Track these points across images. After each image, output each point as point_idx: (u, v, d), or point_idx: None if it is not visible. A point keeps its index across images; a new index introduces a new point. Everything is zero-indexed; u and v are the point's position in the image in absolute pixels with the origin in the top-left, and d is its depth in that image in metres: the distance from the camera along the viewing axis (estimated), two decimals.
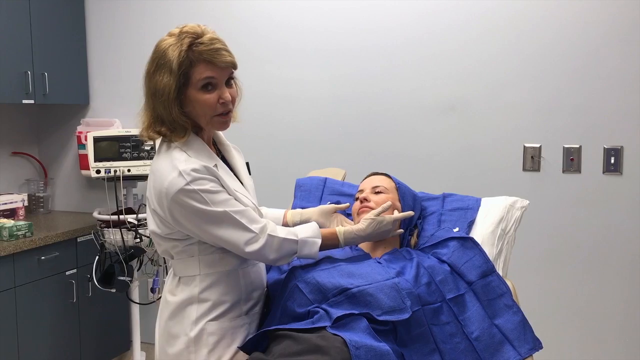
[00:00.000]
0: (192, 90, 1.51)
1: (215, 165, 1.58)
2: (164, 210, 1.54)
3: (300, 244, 1.63)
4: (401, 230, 1.86)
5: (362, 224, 1.74)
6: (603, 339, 2.68)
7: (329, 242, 1.70)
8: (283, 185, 2.61)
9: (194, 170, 1.50)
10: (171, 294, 1.66)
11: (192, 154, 1.54)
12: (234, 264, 1.63)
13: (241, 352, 1.63)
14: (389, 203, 1.81)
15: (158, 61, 1.51)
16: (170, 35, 1.52)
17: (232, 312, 1.64)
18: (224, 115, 1.55)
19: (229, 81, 1.56)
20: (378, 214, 1.75)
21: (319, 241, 1.65)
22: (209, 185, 1.52)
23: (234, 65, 1.54)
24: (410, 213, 1.85)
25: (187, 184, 1.49)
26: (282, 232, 1.61)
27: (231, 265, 1.63)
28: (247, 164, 1.79)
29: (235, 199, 1.58)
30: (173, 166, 1.51)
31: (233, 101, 1.57)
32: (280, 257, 1.62)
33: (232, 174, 1.66)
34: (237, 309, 1.65)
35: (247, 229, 1.55)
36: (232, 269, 1.64)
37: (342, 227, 1.73)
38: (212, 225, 1.53)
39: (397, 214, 1.81)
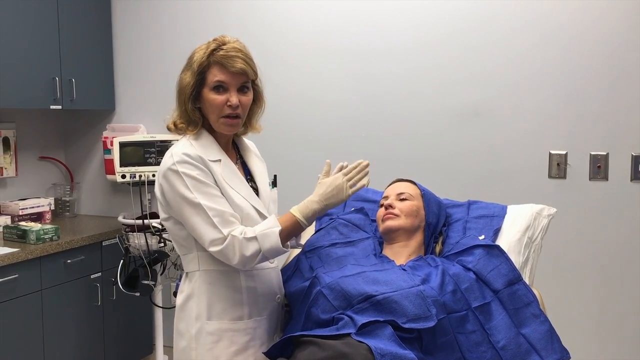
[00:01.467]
0: (206, 90, 1.64)
1: (219, 160, 1.66)
2: (158, 189, 1.66)
3: (260, 238, 1.57)
4: (363, 184, 1.67)
5: (315, 191, 1.66)
6: (633, 348, 2.63)
7: (290, 224, 1.61)
8: (306, 190, 2.60)
9: (186, 154, 1.61)
10: (180, 291, 1.73)
11: (197, 144, 1.66)
12: None
13: (240, 356, 1.66)
14: (327, 162, 1.70)
15: (187, 62, 1.68)
16: (206, 42, 1.67)
17: (231, 314, 1.67)
18: (231, 118, 1.65)
19: (243, 88, 1.65)
20: (324, 177, 1.70)
21: (277, 229, 1.58)
22: (195, 173, 1.60)
23: (245, 73, 1.63)
24: (362, 162, 1.66)
25: (174, 163, 1.60)
26: (247, 233, 1.58)
27: (230, 266, 1.64)
28: (275, 176, 1.81)
29: (228, 198, 1.62)
30: (171, 150, 1.66)
31: (243, 107, 1.66)
32: (245, 257, 1.57)
33: (240, 175, 1.70)
34: (238, 311, 1.67)
35: (216, 229, 1.57)
36: (233, 270, 1.66)
37: (296, 206, 1.65)
38: (187, 211, 1.59)
39: (345, 169, 1.67)
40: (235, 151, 1.80)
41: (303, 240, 1.94)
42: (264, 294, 1.72)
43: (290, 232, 1.63)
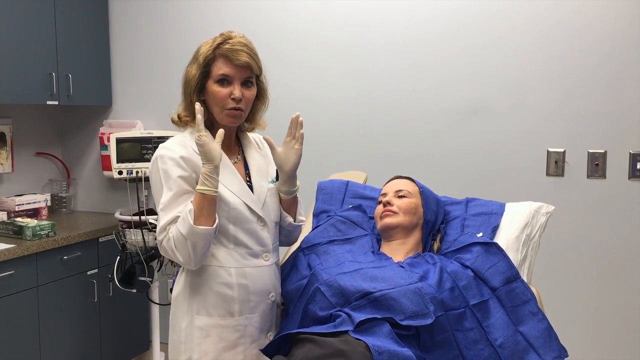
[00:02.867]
0: (210, 82, 1.67)
1: None
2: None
3: (179, 225, 1.58)
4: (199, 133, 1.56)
5: None
6: (630, 346, 2.64)
7: (197, 199, 1.58)
8: (304, 188, 2.59)
9: (169, 149, 1.65)
10: (176, 285, 1.75)
11: (192, 140, 1.66)
12: (227, 261, 1.67)
13: (229, 352, 1.66)
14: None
15: (193, 56, 1.71)
16: (213, 37, 1.70)
17: (221, 310, 1.67)
18: (233, 110, 1.66)
19: (247, 82, 1.68)
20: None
21: (187, 208, 1.56)
22: (167, 166, 1.63)
23: (250, 67, 1.65)
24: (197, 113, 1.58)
25: (156, 158, 1.66)
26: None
27: (221, 261, 1.66)
28: (277, 170, 1.81)
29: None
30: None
31: (246, 101, 1.68)
32: (180, 250, 1.58)
33: (235, 171, 1.71)
34: (228, 308, 1.68)
35: (159, 230, 1.62)
36: (225, 266, 1.67)
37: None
38: (155, 203, 1.66)
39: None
40: (238, 147, 1.80)
41: (303, 214, 1.92)
42: (256, 292, 1.71)
43: (202, 206, 1.57)
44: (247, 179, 1.76)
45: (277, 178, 1.80)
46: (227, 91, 1.65)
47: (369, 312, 1.55)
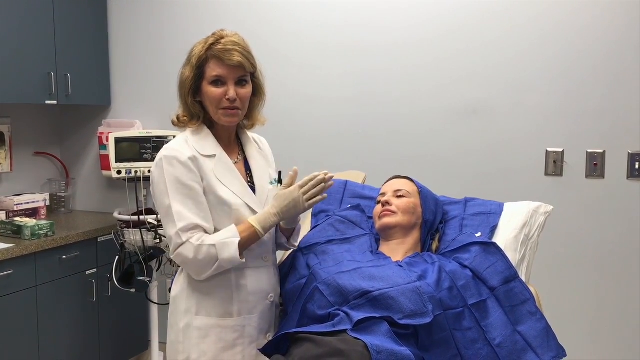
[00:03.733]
0: (205, 84, 1.67)
1: (214, 156, 1.67)
2: (150, 181, 1.70)
3: (219, 247, 1.59)
4: (319, 198, 1.66)
5: (272, 202, 1.67)
6: (629, 346, 2.64)
7: (248, 235, 1.63)
8: None
9: (175, 151, 1.63)
10: (175, 284, 1.75)
11: (193, 139, 1.68)
12: None
13: (227, 353, 1.67)
14: (294, 169, 1.70)
15: (187, 57, 1.70)
16: (205, 37, 1.70)
17: (220, 310, 1.68)
18: (229, 110, 1.66)
19: (242, 81, 1.67)
20: (284, 188, 1.68)
21: (237, 240, 1.60)
22: (179, 172, 1.61)
23: (243, 66, 1.65)
24: (317, 174, 1.65)
25: (161, 159, 1.64)
26: (205, 240, 1.60)
27: None
28: (280, 172, 1.81)
29: (215, 194, 1.63)
30: (165, 145, 1.70)
31: (242, 100, 1.67)
32: (199, 263, 1.59)
33: (236, 171, 1.71)
34: (227, 308, 1.68)
35: (177, 234, 1.59)
36: None
37: (254, 215, 1.66)
38: (160, 209, 1.64)
39: (300, 182, 1.65)
40: (238, 146, 1.80)
41: (299, 240, 1.92)
42: (254, 293, 1.71)
43: (247, 243, 1.64)
44: (249, 179, 1.75)
45: (278, 180, 1.80)
46: (221, 91, 1.65)
47: (368, 311, 1.55)
